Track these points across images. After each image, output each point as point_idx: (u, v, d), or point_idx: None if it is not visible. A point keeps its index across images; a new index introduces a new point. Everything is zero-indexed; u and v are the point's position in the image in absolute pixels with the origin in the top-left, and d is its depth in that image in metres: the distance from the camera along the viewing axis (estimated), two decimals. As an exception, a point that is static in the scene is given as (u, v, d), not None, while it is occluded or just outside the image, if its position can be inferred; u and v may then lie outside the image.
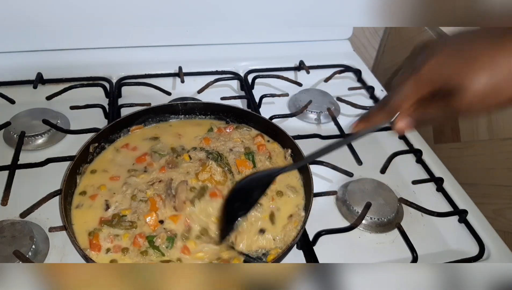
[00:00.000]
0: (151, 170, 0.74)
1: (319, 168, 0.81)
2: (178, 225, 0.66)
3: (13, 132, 0.82)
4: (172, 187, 0.70)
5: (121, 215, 0.66)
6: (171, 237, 0.64)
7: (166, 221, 0.66)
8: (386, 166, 0.85)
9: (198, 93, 0.96)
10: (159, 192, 0.69)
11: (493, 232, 0.77)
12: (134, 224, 0.65)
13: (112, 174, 0.73)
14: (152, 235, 0.64)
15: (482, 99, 0.46)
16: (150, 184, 0.71)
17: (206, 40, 1.10)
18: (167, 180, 0.71)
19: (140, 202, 0.68)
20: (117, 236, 0.64)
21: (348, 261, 0.69)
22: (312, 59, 1.08)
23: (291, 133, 0.80)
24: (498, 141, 0.92)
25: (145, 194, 0.69)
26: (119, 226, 0.64)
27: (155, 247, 0.63)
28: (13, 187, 0.71)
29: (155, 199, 0.68)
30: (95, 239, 0.63)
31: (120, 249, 0.63)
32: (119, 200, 0.69)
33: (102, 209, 0.67)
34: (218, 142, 0.80)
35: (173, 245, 0.63)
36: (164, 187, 0.70)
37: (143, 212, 0.67)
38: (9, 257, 0.61)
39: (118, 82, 0.97)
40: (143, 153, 0.77)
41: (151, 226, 0.65)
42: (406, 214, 0.78)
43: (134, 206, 0.68)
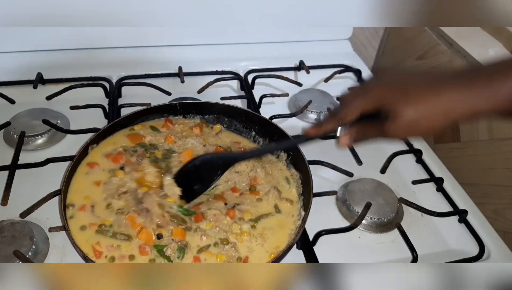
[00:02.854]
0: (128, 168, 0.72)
1: (319, 168, 0.81)
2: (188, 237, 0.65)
3: (13, 132, 0.82)
4: (139, 198, 0.67)
5: (107, 224, 0.65)
6: (182, 247, 0.63)
7: (165, 235, 0.64)
8: (386, 166, 0.85)
9: (198, 93, 0.96)
10: (130, 206, 0.67)
11: (493, 232, 0.77)
12: (130, 238, 0.63)
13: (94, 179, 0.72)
14: (161, 244, 0.63)
15: (407, 126, 0.55)
16: (118, 195, 0.68)
17: (206, 40, 1.10)
18: (133, 191, 0.68)
19: (118, 214, 0.66)
20: (118, 246, 0.63)
21: (348, 261, 0.69)
22: (312, 59, 1.08)
23: (291, 133, 0.80)
24: (498, 141, 0.92)
25: (119, 205, 0.67)
26: (115, 238, 0.63)
27: (165, 257, 0.62)
28: (13, 187, 0.71)
29: (132, 215, 0.65)
30: (98, 246, 0.62)
31: (125, 257, 0.62)
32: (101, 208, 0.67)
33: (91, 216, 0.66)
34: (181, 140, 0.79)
35: (184, 256, 0.63)
36: (133, 201, 0.67)
37: (126, 227, 0.65)
38: (9, 257, 0.61)
39: (118, 82, 0.97)
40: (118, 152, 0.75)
41: (147, 242, 0.63)
42: (406, 214, 0.78)
43: (114, 219, 0.66)
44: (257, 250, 0.65)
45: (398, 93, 0.56)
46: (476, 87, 0.53)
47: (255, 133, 0.84)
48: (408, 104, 0.55)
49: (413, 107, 0.55)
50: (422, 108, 0.54)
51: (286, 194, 0.74)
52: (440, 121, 0.55)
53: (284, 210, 0.71)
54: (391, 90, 0.57)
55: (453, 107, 0.54)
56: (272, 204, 0.72)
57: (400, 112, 0.55)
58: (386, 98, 0.57)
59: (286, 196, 0.73)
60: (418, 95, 0.55)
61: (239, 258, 0.63)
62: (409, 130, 0.57)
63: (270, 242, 0.66)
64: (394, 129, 0.57)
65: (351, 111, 0.60)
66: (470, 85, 0.53)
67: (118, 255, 0.62)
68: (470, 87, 0.53)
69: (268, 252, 0.65)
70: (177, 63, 1.03)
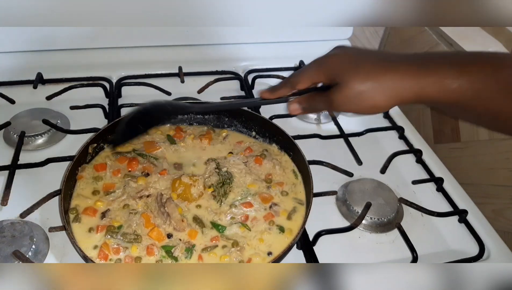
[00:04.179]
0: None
1: (319, 168, 0.81)
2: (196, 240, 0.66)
3: (13, 132, 0.82)
4: (162, 202, 0.68)
5: (116, 226, 0.65)
6: (189, 248, 0.64)
7: (174, 234, 0.65)
8: (386, 166, 0.85)
9: (198, 93, 0.96)
10: (150, 208, 0.68)
11: (493, 232, 0.77)
12: (139, 238, 0.64)
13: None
14: (168, 245, 0.64)
15: (352, 98, 0.57)
16: (139, 197, 0.69)
17: (206, 40, 1.10)
18: (157, 195, 0.69)
19: (131, 214, 0.67)
20: (126, 249, 0.63)
21: (348, 261, 0.69)
22: (312, 59, 1.08)
23: (291, 133, 0.80)
24: (498, 141, 0.92)
25: (136, 206, 0.68)
26: (124, 239, 0.64)
27: (173, 258, 0.62)
28: (13, 187, 0.71)
29: (149, 215, 0.67)
30: (105, 248, 0.62)
31: (132, 259, 0.62)
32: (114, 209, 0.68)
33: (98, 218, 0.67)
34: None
35: (191, 256, 0.63)
36: (154, 204, 0.69)
37: (138, 225, 0.66)
38: (9, 257, 0.61)
39: (118, 82, 0.97)
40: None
41: (157, 240, 0.64)
42: (406, 214, 0.78)
43: (127, 218, 0.67)
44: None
45: (350, 66, 0.58)
46: (424, 76, 0.54)
47: (255, 133, 0.84)
48: (356, 77, 0.56)
49: (360, 80, 0.56)
50: (369, 83, 0.56)
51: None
52: (385, 99, 0.56)
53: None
54: (343, 63, 0.59)
55: (400, 88, 0.55)
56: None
57: (346, 83, 0.57)
58: (338, 69, 0.58)
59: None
60: (367, 70, 0.56)
61: (242, 261, 0.64)
62: (354, 102, 0.57)
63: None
64: (340, 100, 0.58)
65: (303, 79, 0.63)
66: (419, 72, 0.55)
67: (124, 257, 0.62)
68: (419, 73, 0.55)
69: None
70: (177, 63, 1.03)
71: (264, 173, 0.77)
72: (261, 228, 0.68)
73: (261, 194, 0.72)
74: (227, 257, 0.63)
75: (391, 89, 0.55)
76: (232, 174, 0.74)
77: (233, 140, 0.83)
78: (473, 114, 0.58)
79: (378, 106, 0.57)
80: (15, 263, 0.61)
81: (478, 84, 0.53)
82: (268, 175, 0.76)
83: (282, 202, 0.72)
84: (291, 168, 0.79)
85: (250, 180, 0.74)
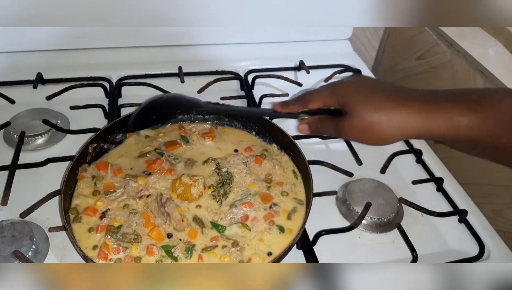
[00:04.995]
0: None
1: (319, 168, 0.81)
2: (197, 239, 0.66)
3: (13, 132, 0.82)
4: (162, 202, 0.68)
5: (116, 226, 0.65)
6: (189, 248, 0.64)
7: (174, 234, 0.65)
8: (386, 166, 0.85)
9: (198, 93, 0.96)
10: (150, 208, 0.68)
11: (493, 232, 0.77)
12: (139, 238, 0.64)
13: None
14: (168, 245, 0.64)
15: (360, 128, 0.59)
16: (139, 197, 0.69)
17: (206, 40, 1.10)
18: (157, 195, 0.69)
19: (131, 214, 0.67)
20: (126, 249, 0.63)
21: (348, 261, 0.69)
22: (312, 59, 1.08)
23: (291, 133, 0.80)
24: (498, 141, 0.92)
25: (136, 206, 0.68)
26: (124, 239, 0.64)
27: (173, 258, 0.62)
28: (13, 187, 0.71)
29: (149, 215, 0.67)
30: (105, 248, 0.62)
31: (132, 259, 0.62)
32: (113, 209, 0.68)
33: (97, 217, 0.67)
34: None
35: (191, 256, 0.63)
36: (154, 204, 0.68)
37: (138, 225, 0.66)
38: (9, 257, 0.61)
39: (118, 82, 0.97)
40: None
41: (157, 240, 0.64)
42: (406, 214, 0.78)
43: (127, 218, 0.67)
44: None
45: (362, 97, 0.59)
46: (435, 112, 0.56)
47: (255, 133, 0.84)
48: (366, 108, 0.58)
49: (370, 112, 0.57)
50: (378, 116, 0.57)
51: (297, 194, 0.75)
52: (392, 133, 0.58)
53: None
54: (356, 92, 0.60)
55: (408, 123, 0.57)
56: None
57: (357, 112, 0.58)
58: (350, 97, 0.60)
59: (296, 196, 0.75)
60: (378, 103, 0.58)
61: (242, 261, 0.64)
62: (361, 133, 0.59)
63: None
64: (348, 128, 0.60)
65: (315, 99, 0.64)
66: (428, 109, 0.56)
67: (124, 256, 0.62)
68: (429, 110, 0.56)
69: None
70: (177, 63, 1.03)
71: (264, 173, 0.76)
72: (261, 228, 0.68)
73: (261, 194, 0.72)
74: (227, 257, 0.63)
75: (400, 124, 0.57)
76: (232, 174, 0.74)
77: (237, 138, 0.84)
78: (484, 149, 0.58)
79: (384, 139, 0.59)
80: (15, 263, 0.61)
81: (489, 120, 0.54)
82: (268, 175, 0.76)
83: (282, 202, 0.72)
84: (291, 168, 0.79)
85: (250, 180, 0.74)
